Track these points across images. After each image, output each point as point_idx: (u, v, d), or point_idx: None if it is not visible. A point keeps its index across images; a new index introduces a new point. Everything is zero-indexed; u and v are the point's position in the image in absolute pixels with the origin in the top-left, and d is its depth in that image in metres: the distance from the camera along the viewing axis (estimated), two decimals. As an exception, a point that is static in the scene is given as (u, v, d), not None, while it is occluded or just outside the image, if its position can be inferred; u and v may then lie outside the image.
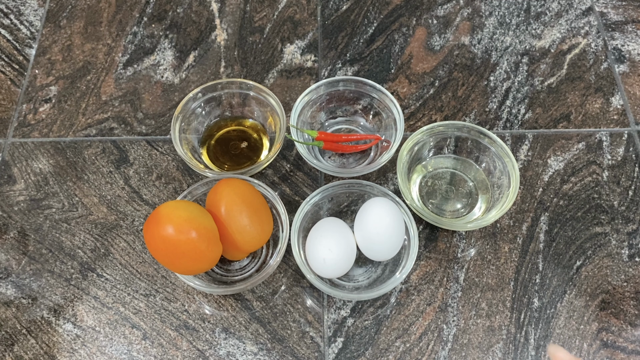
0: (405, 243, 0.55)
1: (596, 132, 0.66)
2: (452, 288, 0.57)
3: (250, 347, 0.54)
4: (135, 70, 0.71)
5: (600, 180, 0.63)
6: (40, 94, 0.69)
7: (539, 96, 0.68)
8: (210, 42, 0.73)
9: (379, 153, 0.63)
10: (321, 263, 0.53)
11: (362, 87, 0.64)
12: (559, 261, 0.58)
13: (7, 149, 0.66)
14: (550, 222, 0.60)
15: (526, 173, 0.63)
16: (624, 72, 0.70)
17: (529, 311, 0.56)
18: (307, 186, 0.63)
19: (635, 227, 0.60)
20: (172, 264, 0.50)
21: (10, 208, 0.62)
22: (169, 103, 0.69)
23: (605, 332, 0.55)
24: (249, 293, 0.57)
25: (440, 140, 0.62)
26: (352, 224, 0.57)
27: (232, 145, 0.64)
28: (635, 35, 0.73)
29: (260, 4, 0.76)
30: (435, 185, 0.62)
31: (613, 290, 0.57)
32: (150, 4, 0.76)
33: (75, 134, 0.66)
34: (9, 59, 0.72)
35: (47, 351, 0.54)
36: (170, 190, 0.63)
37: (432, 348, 0.54)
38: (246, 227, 0.52)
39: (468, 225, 0.57)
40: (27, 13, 0.76)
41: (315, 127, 0.66)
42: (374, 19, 0.74)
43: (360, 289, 0.56)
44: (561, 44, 0.72)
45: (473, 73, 0.70)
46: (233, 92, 0.65)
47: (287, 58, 0.71)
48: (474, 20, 0.74)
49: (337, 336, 0.55)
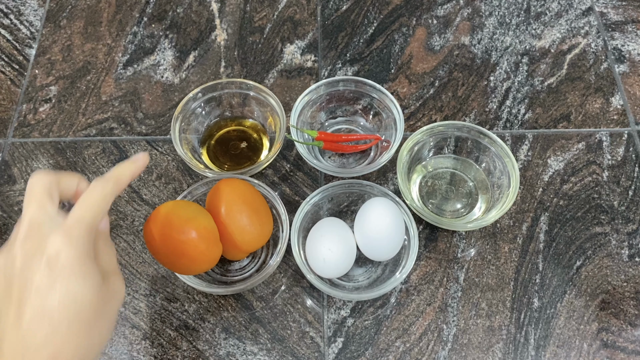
0: (405, 243, 0.56)
1: (596, 132, 0.66)
2: (452, 288, 0.57)
3: (250, 347, 0.54)
4: (135, 70, 0.71)
5: (600, 180, 0.63)
6: (40, 94, 0.69)
7: (539, 96, 0.68)
8: (210, 42, 0.73)
9: (379, 153, 0.63)
10: (321, 263, 0.53)
11: (362, 87, 0.64)
12: (559, 261, 0.58)
13: (7, 149, 0.66)
14: (550, 222, 0.60)
15: (526, 173, 0.63)
16: (624, 72, 0.70)
17: (529, 311, 0.56)
18: (307, 186, 0.63)
19: (635, 227, 0.60)
20: (172, 264, 0.50)
21: (10, 208, 0.62)
22: (169, 103, 0.69)
23: (605, 332, 0.55)
24: (249, 293, 0.57)
25: (440, 140, 0.62)
26: (352, 224, 0.57)
27: (232, 145, 0.64)
28: (635, 35, 0.73)
29: (260, 4, 0.76)
30: (435, 185, 0.62)
31: (613, 290, 0.57)
32: (150, 4, 0.76)
33: (75, 134, 0.66)
34: (9, 59, 0.72)
35: (47, 351, 0.54)
36: (170, 190, 0.63)
37: (432, 348, 0.54)
38: (246, 227, 0.52)
39: (468, 225, 0.57)
40: (27, 13, 0.76)
41: (315, 127, 0.66)
42: (374, 19, 0.74)
43: (360, 289, 0.56)
44: (561, 44, 0.72)
45: (473, 73, 0.70)
46: (233, 92, 0.65)
47: (287, 58, 0.71)
48: (474, 20, 0.74)
49: (337, 336, 0.55)
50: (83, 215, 0.37)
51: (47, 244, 0.35)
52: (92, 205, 0.37)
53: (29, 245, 0.35)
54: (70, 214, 0.37)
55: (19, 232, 0.36)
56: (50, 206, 0.37)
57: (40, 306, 0.34)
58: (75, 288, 0.35)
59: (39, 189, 0.37)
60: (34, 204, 0.37)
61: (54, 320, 0.34)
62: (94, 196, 0.38)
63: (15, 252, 0.35)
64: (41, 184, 0.37)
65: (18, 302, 0.34)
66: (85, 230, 0.36)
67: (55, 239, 0.35)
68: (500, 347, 0.54)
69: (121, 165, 0.41)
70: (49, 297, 0.34)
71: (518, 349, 0.54)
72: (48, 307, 0.34)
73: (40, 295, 0.34)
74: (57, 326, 0.34)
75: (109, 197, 0.38)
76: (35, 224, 0.36)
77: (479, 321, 0.55)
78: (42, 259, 0.35)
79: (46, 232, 0.35)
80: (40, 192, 0.37)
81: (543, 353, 0.54)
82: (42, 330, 0.34)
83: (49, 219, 0.36)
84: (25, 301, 0.34)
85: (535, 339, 0.55)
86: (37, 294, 0.34)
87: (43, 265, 0.34)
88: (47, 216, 0.36)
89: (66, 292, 0.34)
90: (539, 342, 0.54)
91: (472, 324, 0.55)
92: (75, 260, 0.35)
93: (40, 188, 0.37)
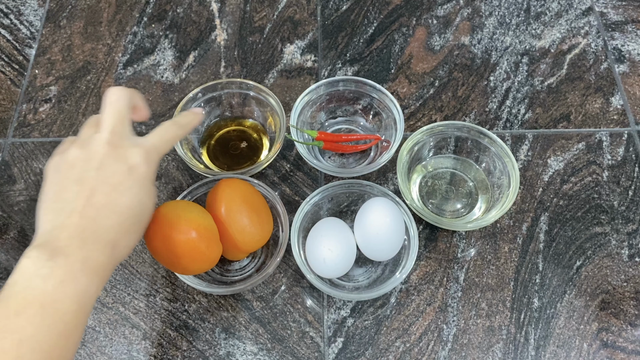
0: (405, 243, 0.56)
1: (596, 132, 0.66)
2: (452, 288, 0.57)
3: (250, 347, 0.54)
4: (135, 70, 0.71)
5: (600, 180, 0.63)
6: (40, 94, 0.69)
7: (539, 96, 0.68)
8: (210, 42, 0.73)
9: (379, 153, 0.63)
10: (321, 263, 0.53)
11: (362, 87, 0.64)
12: (559, 261, 0.58)
13: (7, 149, 0.66)
14: (550, 222, 0.60)
15: (526, 173, 0.63)
16: (624, 72, 0.70)
17: (529, 311, 0.56)
18: (307, 186, 0.63)
19: (635, 227, 0.60)
20: (172, 264, 0.50)
21: (10, 208, 0.62)
22: (169, 103, 0.69)
23: (605, 332, 0.55)
24: (249, 293, 0.57)
25: (440, 140, 0.62)
26: (352, 224, 0.57)
27: (232, 145, 0.64)
28: (635, 35, 0.73)
29: (260, 4, 0.76)
30: (435, 185, 0.62)
31: (613, 290, 0.57)
32: (150, 4, 0.76)
33: (75, 134, 0.66)
34: (9, 59, 0.72)
35: (47, 351, 0.54)
36: (170, 190, 0.63)
37: (432, 348, 0.54)
38: (246, 227, 0.52)
39: (468, 225, 0.57)
40: (27, 13, 0.76)
41: (315, 127, 0.66)
42: (374, 19, 0.74)
43: (360, 289, 0.56)
44: (561, 44, 0.72)
45: (473, 73, 0.70)
46: (233, 92, 0.65)
47: (287, 58, 0.71)
48: (474, 20, 0.74)
49: (337, 336, 0.55)
50: (158, 144, 0.44)
51: (129, 155, 0.41)
52: (165, 140, 0.45)
53: (108, 150, 0.41)
54: (149, 139, 0.44)
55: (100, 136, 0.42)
56: (128, 120, 0.43)
57: (113, 201, 0.40)
58: (142, 196, 0.42)
59: (122, 102, 0.43)
60: (116, 115, 0.43)
61: (121, 215, 0.40)
62: (168, 133, 0.46)
63: (94, 151, 0.41)
64: (123, 99, 0.44)
65: (90, 191, 0.40)
66: (157, 157, 0.44)
67: (137, 153, 0.42)
68: (500, 347, 0.54)
69: (186, 115, 0.49)
70: (123, 196, 0.40)
71: (518, 349, 0.54)
72: (119, 204, 0.40)
73: (116, 193, 0.40)
74: (122, 220, 0.40)
75: (177, 138, 0.47)
76: (117, 134, 0.42)
77: (479, 321, 0.55)
78: (124, 165, 0.41)
79: (126, 144, 0.42)
80: (122, 106, 0.43)
81: (543, 353, 0.54)
82: (109, 220, 0.40)
83: (128, 133, 0.43)
84: (97, 193, 0.40)
85: (535, 339, 0.55)
86: (114, 191, 0.40)
87: (125, 170, 0.41)
88: (126, 130, 0.43)
89: (136, 196, 0.41)
90: (539, 342, 0.54)
91: (472, 324, 0.55)
92: (147, 175, 0.42)
93: (123, 102, 0.43)
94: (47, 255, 0.37)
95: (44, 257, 0.37)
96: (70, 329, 0.37)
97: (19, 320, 0.35)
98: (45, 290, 0.36)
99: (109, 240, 0.40)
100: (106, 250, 0.40)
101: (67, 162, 0.42)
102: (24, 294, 0.36)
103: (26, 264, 0.37)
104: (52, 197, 0.41)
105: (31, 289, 0.36)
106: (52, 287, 0.36)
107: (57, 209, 0.40)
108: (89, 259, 0.38)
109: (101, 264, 0.39)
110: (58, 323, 0.36)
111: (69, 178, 0.41)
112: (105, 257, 0.39)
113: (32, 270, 0.37)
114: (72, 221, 0.39)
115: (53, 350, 0.36)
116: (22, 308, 0.35)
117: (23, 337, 0.35)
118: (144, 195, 0.42)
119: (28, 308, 0.35)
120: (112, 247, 0.40)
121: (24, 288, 0.36)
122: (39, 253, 0.37)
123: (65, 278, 0.37)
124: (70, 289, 0.37)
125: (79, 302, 0.37)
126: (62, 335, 0.36)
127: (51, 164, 0.43)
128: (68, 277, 0.37)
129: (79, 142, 0.43)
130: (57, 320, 0.36)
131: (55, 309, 0.36)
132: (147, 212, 0.43)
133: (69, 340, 0.37)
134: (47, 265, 0.37)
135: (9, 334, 0.35)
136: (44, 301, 0.36)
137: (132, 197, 0.41)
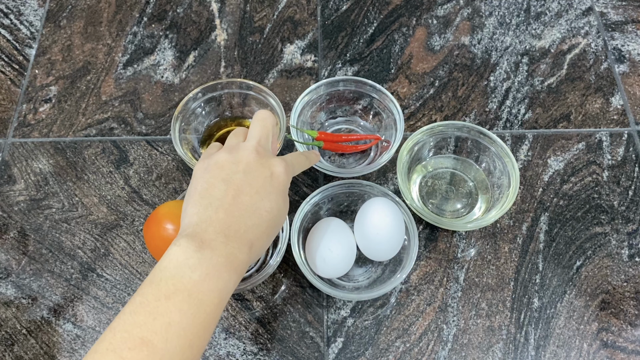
0: (405, 243, 0.55)
1: (596, 132, 0.66)
2: (452, 288, 0.57)
3: (250, 347, 0.54)
4: (135, 70, 0.71)
5: (600, 180, 0.63)
6: (40, 94, 0.69)
7: (539, 96, 0.68)
8: (210, 42, 0.73)
9: (379, 153, 0.63)
10: (321, 263, 0.53)
11: (362, 87, 0.64)
12: (559, 261, 0.58)
13: (7, 149, 0.66)
14: (550, 222, 0.60)
15: (526, 173, 0.63)
16: (624, 72, 0.70)
17: (529, 311, 0.56)
18: (307, 186, 0.63)
19: (635, 227, 0.60)
20: (172, 264, 0.50)
21: (10, 208, 0.62)
22: (169, 103, 0.69)
23: (605, 332, 0.55)
24: (249, 293, 0.57)
25: (440, 140, 0.62)
26: (352, 224, 0.57)
27: (232, 145, 0.64)
28: (635, 35, 0.73)
29: (260, 4, 0.76)
30: (435, 185, 0.62)
31: (613, 290, 0.57)
32: (150, 4, 0.76)
33: (75, 134, 0.66)
34: (9, 59, 0.72)
35: (47, 351, 0.54)
36: (170, 190, 0.63)
37: (432, 348, 0.54)
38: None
39: (468, 225, 0.57)
40: (27, 13, 0.76)
41: (315, 127, 0.66)
42: (374, 19, 0.74)
43: (360, 289, 0.56)
44: (561, 44, 0.72)
45: (473, 73, 0.70)
46: (233, 92, 0.65)
47: (287, 58, 0.71)
48: (474, 20, 0.74)
49: (337, 336, 0.55)
50: (294, 163, 0.48)
51: (272, 163, 0.45)
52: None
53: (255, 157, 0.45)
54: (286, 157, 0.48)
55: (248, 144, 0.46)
56: (272, 138, 0.48)
57: (256, 203, 0.43)
58: (280, 203, 0.45)
59: (269, 122, 0.48)
60: (264, 130, 0.48)
61: (261, 218, 0.43)
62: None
63: (242, 155, 0.45)
64: (271, 121, 0.49)
65: (236, 191, 0.43)
66: (293, 172, 0.47)
67: (279, 163, 0.45)
68: (500, 347, 0.54)
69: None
70: (264, 200, 0.43)
71: (518, 349, 0.54)
72: (260, 207, 0.43)
73: (259, 196, 0.43)
74: (261, 222, 0.43)
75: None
76: (262, 145, 0.46)
77: (479, 321, 0.55)
78: (267, 171, 0.44)
79: (268, 155, 0.46)
80: (270, 125, 0.48)
81: (543, 353, 0.54)
82: (251, 220, 0.42)
83: (269, 147, 0.47)
84: (242, 194, 0.43)
85: (535, 339, 0.55)
86: (257, 194, 0.43)
87: (268, 176, 0.44)
88: (268, 144, 0.48)
89: (275, 202, 0.44)
90: (539, 342, 0.54)
91: (472, 324, 0.55)
92: (285, 186, 0.45)
93: (270, 122, 0.48)
94: (195, 246, 0.39)
95: (192, 248, 0.39)
96: (209, 320, 0.38)
97: (168, 304, 0.36)
98: (192, 280, 0.38)
99: (248, 240, 0.42)
100: (245, 249, 0.41)
101: (216, 164, 0.44)
102: (174, 281, 0.37)
103: (176, 252, 0.39)
104: (200, 192, 0.43)
105: (180, 277, 0.38)
106: (199, 278, 0.38)
107: (204, 204, 0.42)
108: (232, 255, 0.40)
109: (241, 261, 0.41)
110: (201, 313, 0.37)
111: (217, 177, 0.43)
112: (244, 255, 0.41)
113: (181, 259, 0.38)
114: (219, 216, 0.41)
115: (194, 339, 0.37)
116: (171, 293, 0.37)
117: (171, 321, 0.36)
118: (282, 202, 0.45)
119: (177, 294, 0.37)
120: (249, 246, 0.42)
121: (173, 275, 0.38)
122: (188, 243, 0.39)
123: (210, 271, 0.38)
124: (213, 283, 0.38)
125: (219, 296, 0.39)
126: (202, 326, 0.38)
127: (200, 165, 0.46)
128: (212, 271, 0.39)
129: (228, 148, 0.46)
130: (201, 311, 0.37)
131: (199, 300, 0.37)
132: (282, 218, 0.45)
133: (207, 332, 0.38)
134: (195, 256, 0.38)
135: (159, 316, 0.36)
136: (191, 290, 0.37)
137: (272, 202, 0.44)
